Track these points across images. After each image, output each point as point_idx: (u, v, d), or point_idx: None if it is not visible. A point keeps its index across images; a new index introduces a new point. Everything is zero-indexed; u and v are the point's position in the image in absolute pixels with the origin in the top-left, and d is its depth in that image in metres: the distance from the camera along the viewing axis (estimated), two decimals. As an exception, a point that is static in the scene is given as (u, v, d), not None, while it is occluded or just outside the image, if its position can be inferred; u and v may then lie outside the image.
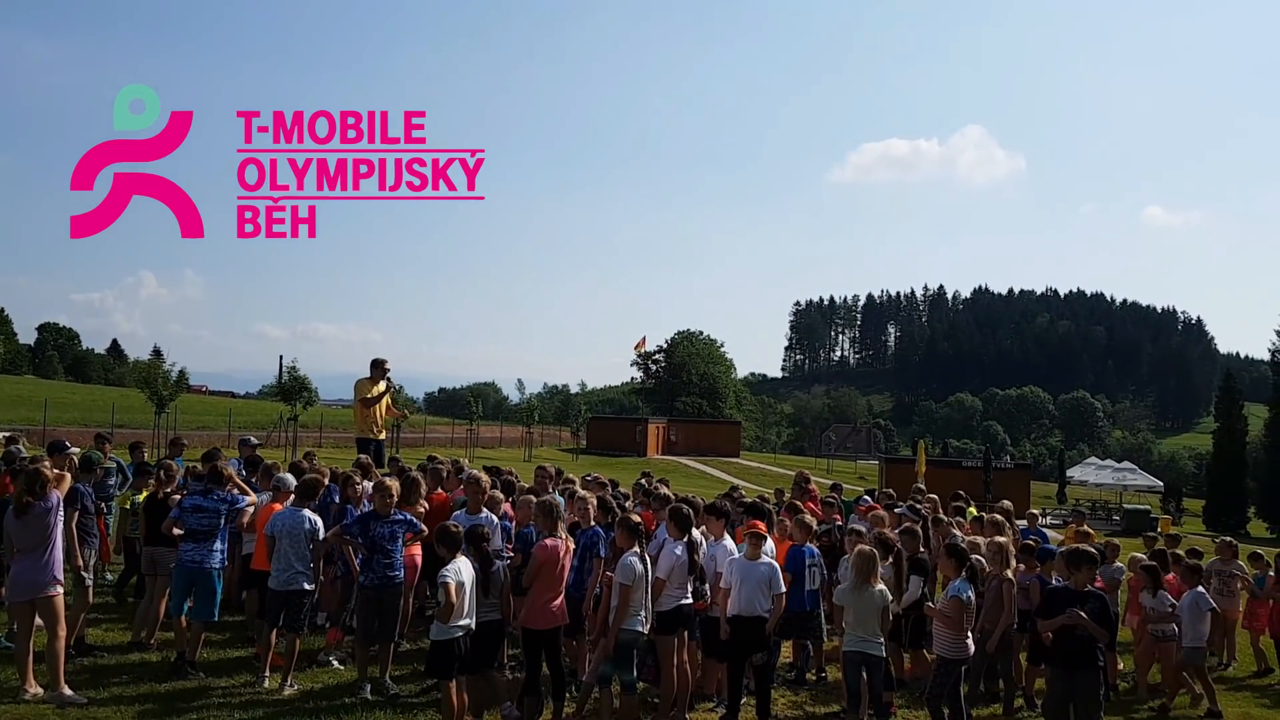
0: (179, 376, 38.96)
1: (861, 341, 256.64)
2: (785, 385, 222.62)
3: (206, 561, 8.67)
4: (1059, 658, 7.94)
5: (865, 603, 7.79)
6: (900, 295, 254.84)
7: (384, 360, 14.27)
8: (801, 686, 9.76)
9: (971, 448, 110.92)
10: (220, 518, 8.77)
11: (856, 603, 7.77)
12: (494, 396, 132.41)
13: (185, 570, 8.68)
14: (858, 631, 7.78)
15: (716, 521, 8.86)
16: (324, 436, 46.44)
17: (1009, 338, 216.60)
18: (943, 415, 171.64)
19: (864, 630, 7.77)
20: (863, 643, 7.78)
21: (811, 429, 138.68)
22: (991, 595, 8.78)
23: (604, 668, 7.76)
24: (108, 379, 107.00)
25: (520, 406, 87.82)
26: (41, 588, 7.76)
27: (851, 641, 7.82)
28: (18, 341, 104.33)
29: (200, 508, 8.73)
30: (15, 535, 7.89)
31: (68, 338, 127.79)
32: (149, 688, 8.19)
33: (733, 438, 71.29)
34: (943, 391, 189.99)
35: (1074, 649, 7.74)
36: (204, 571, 8.67)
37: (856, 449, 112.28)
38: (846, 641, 7.86)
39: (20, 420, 39.81)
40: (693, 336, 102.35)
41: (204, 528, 8.70)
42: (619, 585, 7.61)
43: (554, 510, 7.94)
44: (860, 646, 7.79)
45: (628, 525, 7.89)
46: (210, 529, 8.71)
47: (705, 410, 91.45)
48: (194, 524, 8.70)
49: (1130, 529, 32.44)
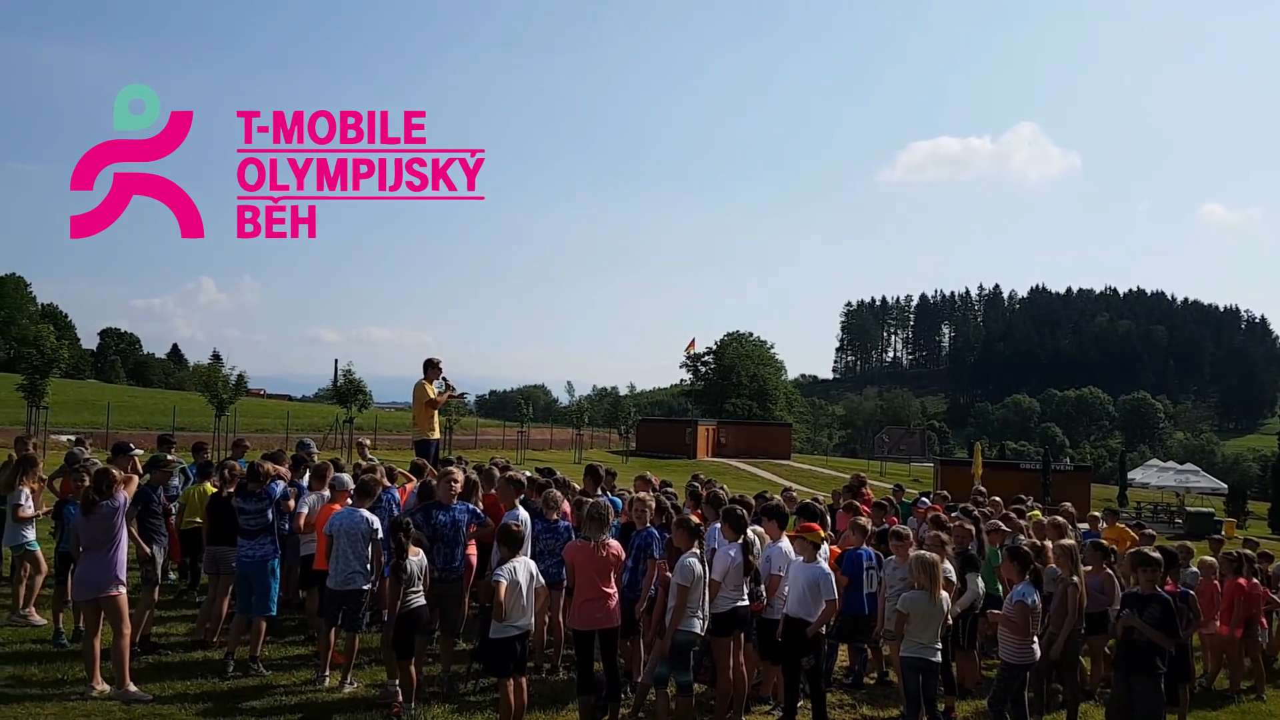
0: (238, 380, 39.81)
1: (914, 342, 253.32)
2: (836, 387, 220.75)
3: (261, 559, 8.84)
4: (1118, 661, 7.77)
5: (928, 609, 7.64)
6: (954, 295, 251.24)
7: (438, 360, 14.30)
8: (860, 690, 9.64)
9: (1029, 450, 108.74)
10: (266, 514, 8.93)
11: (919, 609, 7.62)
12: (543, 399, 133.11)
13: (243, 569, 8.88)
14: (918, 637, 7.63)
15: (773, 523, 8.78)
16: (379, 439, 46.96)
17: (1067, 337, 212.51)
18: (999, 417, 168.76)
19: (923, 636, 7.63)
20: (921, 649, 7.64)
21: (864, 431, 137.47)
22: (1057, 599, 8.58)
23: (660, 669, 7.72)
24: (168, 383, 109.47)
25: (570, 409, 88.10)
26: (105, 586, 7.92)
27: (910, 648, 7.68)
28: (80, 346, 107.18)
29: (245, 509, 8.92)
30: (82, 533, 8.08)
31: (129, 343, 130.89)
32: (212, 685, 8.33)
33: (783, 440, 70.74)
34: (999, 393, 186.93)
35: (1132, 653, 7.57)
36: (260, 569, 8.83)
37: (910, 451, 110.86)
38: (905, 647, 7.72)
39: (84, 423, 40.94)
40: (742, 338, 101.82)
41: (253, 526, 8.87)
42: (676, 586, 7.56)
43: (598, 512, 7.91)
44: (919, 653, 7.65)
45: (686, 526, 7.84)
46: (260, 526, 8.89)
47: (755, 412, 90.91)
48: (244, 524, 8.88)
49: (1193, 532, 31.66)
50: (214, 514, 9.38)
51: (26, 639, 9.36)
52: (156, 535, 9.50)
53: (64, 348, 33.78)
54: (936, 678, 7.97)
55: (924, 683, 7.67)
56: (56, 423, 36.31)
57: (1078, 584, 8.52)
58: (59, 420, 37.89)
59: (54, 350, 32.02)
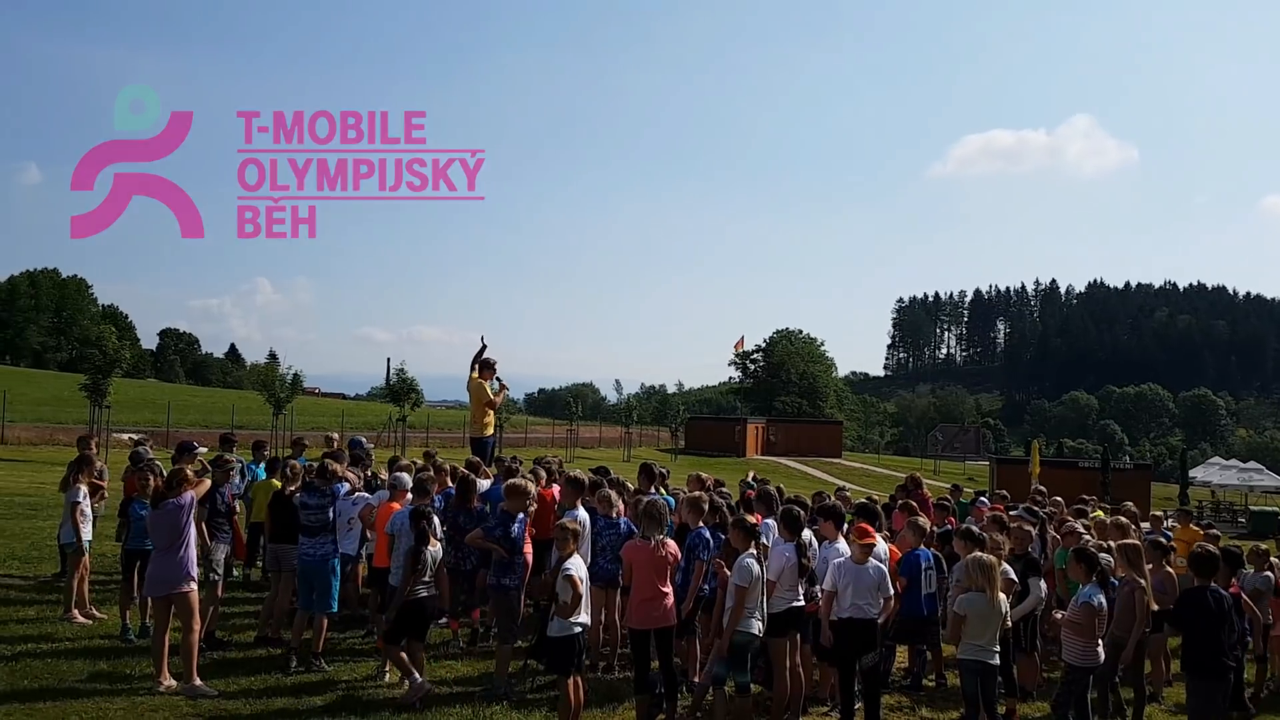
0: (294, 379, 40.51)
1: (969, 338, 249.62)
2: (888, 384, 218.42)
3: (322, 557, 8.94)
4: (1185, 663, 7.60)
5: (986, 611, 7.51)
6: (1010, 290, 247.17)
7: (493, 360, 14.45)
8: (918, 692, 9.51)
9: (1087, 448, 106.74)
10: (328, 512, 9.02)
11: (976, 610, 7.49)
12: (592, 397, 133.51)
13: (304, 566, 8.99)
14: (975, 640, 7.50)
15: (829, 523, 8.70)
16: (430, 436, 47.44)
17: (1126, 333, 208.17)
18: (1056, 414, 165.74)
19: (981, 638, 7.50)
20: (979, 651, 7.51)
21: (916, 429, 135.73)
22: (1123, 601, 8.39)
23: (718, 669, 7.69)
24: (226, 382, 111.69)
25: (618, 407, 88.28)
26: (177, 583, 8.08)
27: (968, 650, 7.54)
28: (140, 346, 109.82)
29: (307, 505, 9.02)
30: (152, 531, 8.27)
31: (187, 342, 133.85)
32: (275, 680, 8.46)
33: (834, 438, 70.25)
34: (1055, 390, 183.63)
35: (1197, 655, 7.41)
36: (320, 566, 8.93)
37: (965, 449, 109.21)
38: (962, 650, 7.58)
39: (144, 422, 41.86)
40: (792, 335, 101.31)
41: (315, 523, 8.97)
42: (734, 586, 7.53)
43: (655, 510, 7.90)
44: (977, 655, 7.51)
45: (743, 526, 7.80)
46: (322, 524, 8.97)
47: (805, 410, 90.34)
48: (306, 520, 8.99)
49: (1256, 531, 30.81)
50: (275, 511, 9.52)
51: (95, 634, 9.59)
52: (220, 533, 9.70)
53: (125, 348, 34.51)
54: (995, 680, 7.83)
55: (983, 685, 7.55)
56: (118, 421, 37.09)
57: (1144, 585, 8.33)
58: (120, 419, 38.68)
59: (115, 350, 32.70)
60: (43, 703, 7.49)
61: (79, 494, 10.20)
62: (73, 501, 10.14)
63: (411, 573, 8.04)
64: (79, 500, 10.16)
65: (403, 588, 8.10)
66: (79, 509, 10.11)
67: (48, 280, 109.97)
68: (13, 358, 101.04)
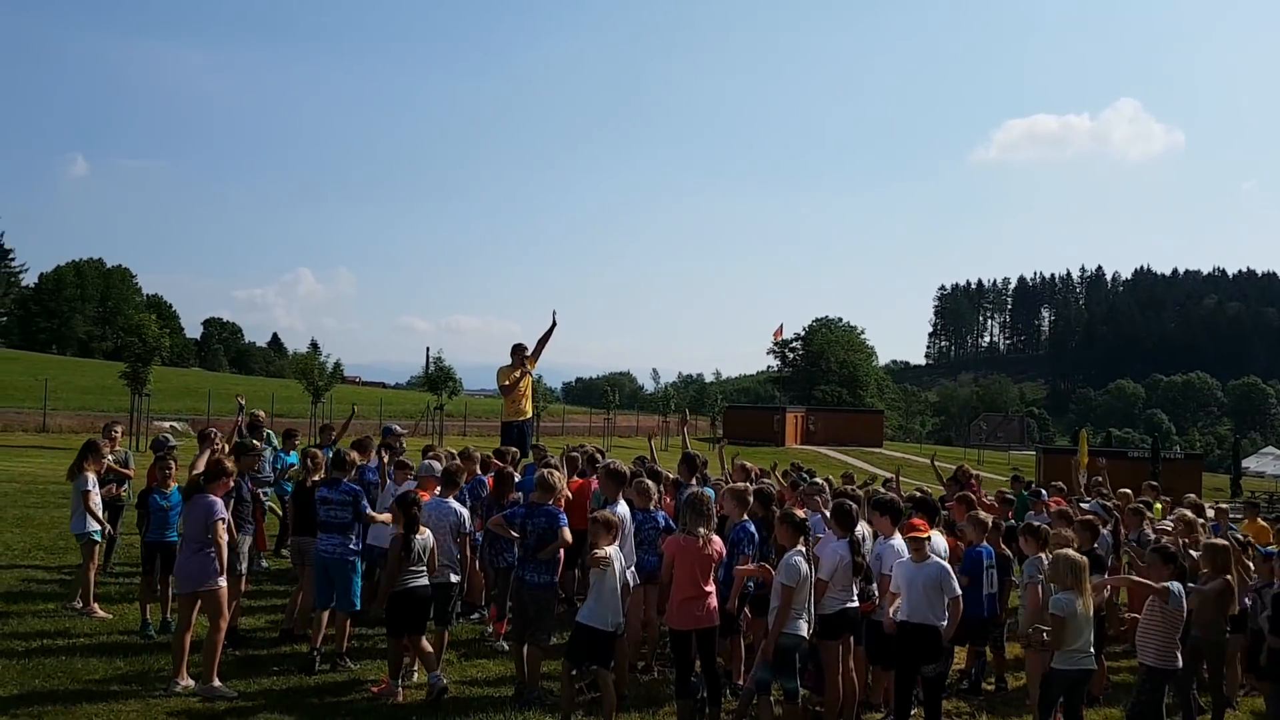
0: (335, 368, 40.73)
1: (1012, 326, 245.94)
2: (930, 373, 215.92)
3: (341, 553, 8.44)
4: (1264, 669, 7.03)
5: (1080, 613, 6.91)
6: (1054, 277, 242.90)
7: (524, 345, 14.10)
8: (977, 697, 8.94)
9: (1134, 437, 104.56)
10: (350, 509, 8.47)
11: (1073, 613, 6.88)
12: (629, 386, 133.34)
13: (321, 562, 8.50)
14: (1075, 644, 6.88)
15: (883, 518, 8.14)
16: (468, 425, 47.36)
17: (1174, 320, 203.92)
18: (1102, 403, 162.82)
19: (1076, 643, 6.89)
20: (1077, 659, 6.91)
21: (958, 418, 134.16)
22: (1208, 602, 7.76)
23: (764, 673, 7.21)
24: (269, 370, 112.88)
25: (655, 396, 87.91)
26: (205, 579, 7.69)
27: (1066, 659, 6.92)
28: (185, 336, 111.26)
29: (328, 499, 8.49)
30: (186, 521, 7.95)
31: (231, 332, 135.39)
32: (297, 680, 8.06)
33: (875, 427, 69.29)
34: (1101, 378, 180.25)
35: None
36: (340, 563, 8.44)
37: (1008, 439, 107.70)
38: (1060, 659, 6.96)
39: (186, 410, 42.11)
40: (831, 323, 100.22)
41: (335, 520, 8.45)
42: (780, 586, 7.02)
43: (698, 502, 7.40)
44: (1075, 663, 6.90)
45: (791, 521, 7.28)
46: (342, 521, 8.44)
47: (845, 399, 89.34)
48: (326, 516, 8.48)
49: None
50: (298, 503, 9.11)
51: (114, 629, 9.26)
52: (244, 524, 9.26)
53: (165, 336, 34.65)
54: (1084, 690, 7.27)
55: (1071, 695, 6.99)
56: (159, 410, 37.29)
57: (1233, 587, 7.70)
58: (162, 407, 38.92)
59: (155, 339, 32.85)
60: (52, 705, 7.14)
61: (88, 482, 9.84)
62: (83, 490, 9.79)
63: (399, 561, 7.64)
64: (89, 488, 9.82)
65: (389, 577, 7.71)
66: (89, 497, 9.78)
67: (92, 270, 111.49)
68: (59, 347, 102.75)
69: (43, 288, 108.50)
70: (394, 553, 7.72)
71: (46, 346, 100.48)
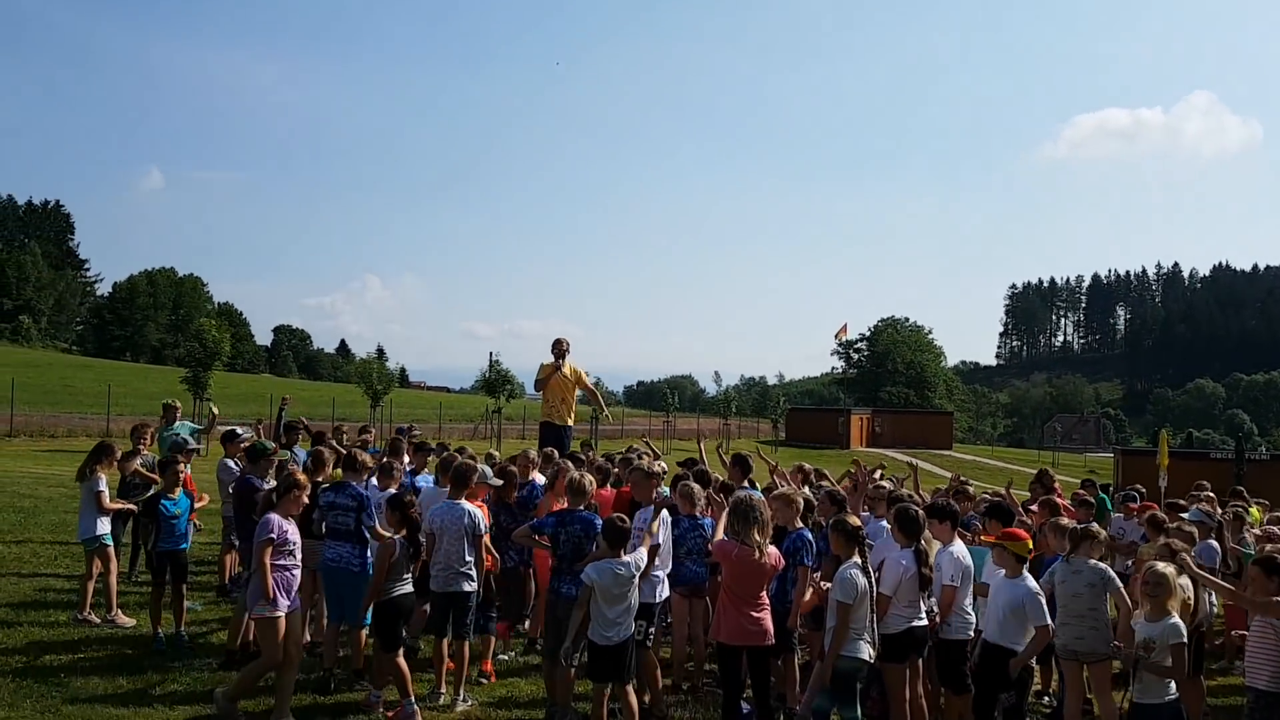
0: (400, 373, 40.96)
1: (1086, 325, 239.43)
2: (1000, 373, 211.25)
3: (347, 563, 7.78)
4: None
5: (1164, 638, 6.04)
6: (1130, 275, 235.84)
7: (560, 339, 13.22)
8: (1060, 722, 8.02)
9: (1214, 438, 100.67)
10: (354, 515, 7.77)
11: (1159, 637, 6.02)
12: (690, 389, 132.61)
13: (327, 571, 7.87)
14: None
15: (942, 525, 7.32)
16: (527, 429, 47.07)
17: (1254, 318, 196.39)
18: (1180, 403, 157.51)
19: None
20: (1164, 689, 6.04)
21: (1031, 420, 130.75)
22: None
23: (820, 700, 6.45)
24: (336, 376, 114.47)
25: (717, 398, 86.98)
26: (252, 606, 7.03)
27: (1148, 692, 6.06)
28: (255, 343, 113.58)
29: (334, 504, 7.82)
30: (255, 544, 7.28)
31: (300, 338, 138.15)
32: (311, 700, 7.46)
33: (944, 429, 67.62)
34: (1179, 377, 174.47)
35: None
36: (345, 572, 7.76)
37: (1084, 440, 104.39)
38: (1141, 693, 6.10)
39: (252, 414, 42.43)
40: (898, 323, 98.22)
41: (341, 526, 7.77)
42: (836, 603, 6.26)
43: (747, 508, 6.66)
44: (1163, 696, 6.05)
45: (845, 530, 6.52)
46: (348, 528, 7.76)
47: (912, 400, 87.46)
48: (331, 520, 7.82)
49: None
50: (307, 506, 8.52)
51: (123, 644, 8.69)
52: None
53: (226, 341, 34.92)
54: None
55: None
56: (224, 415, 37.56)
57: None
58: (229, 412, 39.13)
59: (215, 344, 33.07)
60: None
61: (101, 483, 9.42)
62: (95, 490, 9.36)
63: (384, 568, 7.09)
64: (102, 489, 9.39)
65: (374, 584, 7.15)
66: (102, 498, 9.35)
67: (165, 279, 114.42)
68: (133, 354, 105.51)
69: (116, 296, 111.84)
70: (380, 559, 7.18)
71: (120, 354, 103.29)
